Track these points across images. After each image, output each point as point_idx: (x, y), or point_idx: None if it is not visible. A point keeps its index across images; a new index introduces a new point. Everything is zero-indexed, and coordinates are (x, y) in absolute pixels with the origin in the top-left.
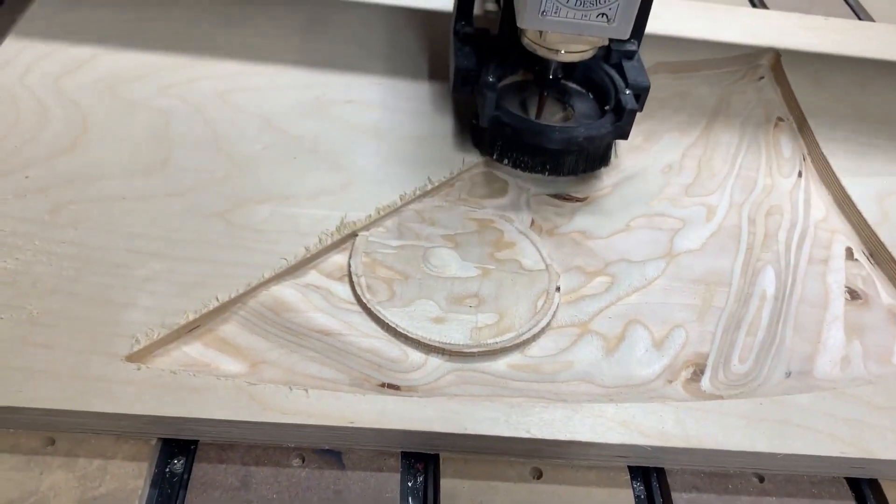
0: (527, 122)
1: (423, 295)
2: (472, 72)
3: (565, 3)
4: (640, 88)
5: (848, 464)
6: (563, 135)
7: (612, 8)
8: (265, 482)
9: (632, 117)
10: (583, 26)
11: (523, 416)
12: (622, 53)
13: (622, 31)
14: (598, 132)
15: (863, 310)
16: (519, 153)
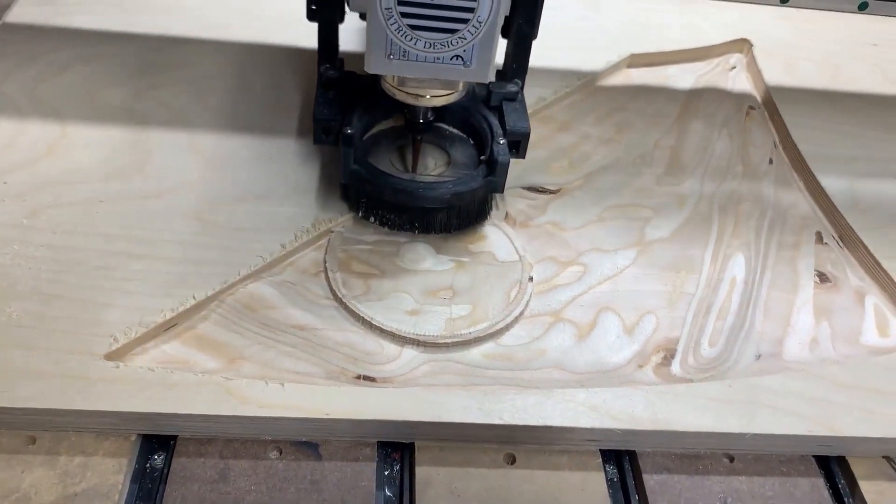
0: (388, 178)
1: (397, 288)
2: (332, 122)
3: (413, 44)
4: (518, 135)
5: (816, 442)
6: (428, 192)
7: (467, 50)
8: (243, 474)
9: (505, 170)
10: (437, 69)
11: (496, 403)
12: (503, 95)
13: (481, 75)
14: (467, 188)
15: (832, 293)
16: (384, 211)
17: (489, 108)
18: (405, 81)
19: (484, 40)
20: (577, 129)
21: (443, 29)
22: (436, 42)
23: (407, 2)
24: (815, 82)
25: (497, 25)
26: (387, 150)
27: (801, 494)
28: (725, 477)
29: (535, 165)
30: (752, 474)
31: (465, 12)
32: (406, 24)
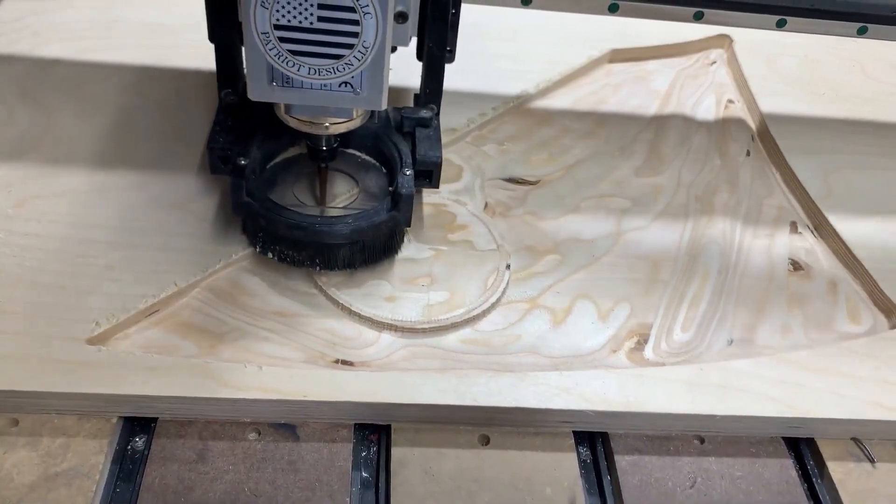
0: (283, 212)
1: (376, 276)
2: (228, 150)
3: (296, 71)
4: (429, 164)
5: (785, 424)
6: (325, 228)
7: (356, 76)
8: (222, 455)
9: (409, 204)
10: (325, 97)
11: (471, 385)
12: (416, 121)
13: (373, 102)
14: (368, 223)
15: (805, 280)
16: (281, 246)
17: (403, 134)
18: (293, 109)
19: (373, 66)
20: (558, 122)
21: (327, 55)
22: (321, 68)
23: (284, 26)
24: (794, 77)
25: (386, 50)
26: (294, 180)
27: (770, 475)
28: (696, 458)
29: (515, 157)
30: (722, 455)
31: (349, 37)
32: (286, 49)
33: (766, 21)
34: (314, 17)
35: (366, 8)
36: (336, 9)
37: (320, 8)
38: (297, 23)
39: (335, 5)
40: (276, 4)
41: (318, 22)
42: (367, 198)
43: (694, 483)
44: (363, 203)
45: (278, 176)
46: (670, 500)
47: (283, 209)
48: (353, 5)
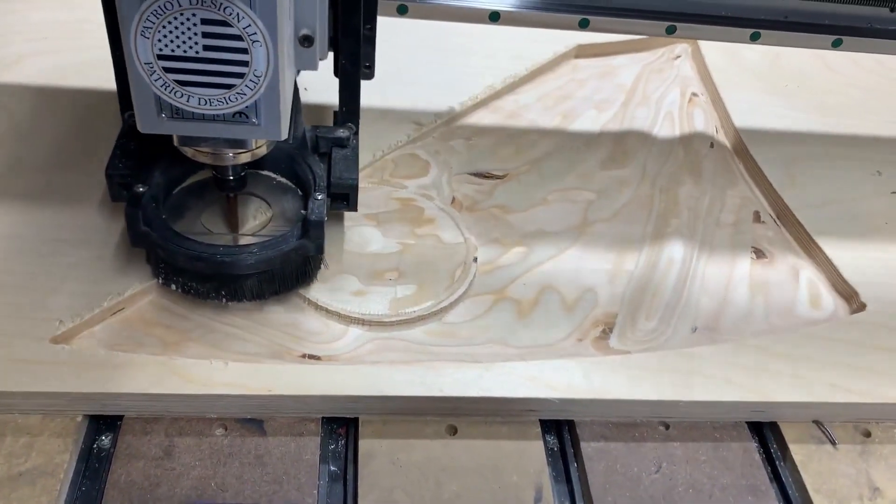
0: (184, 242)
1: (344, 271)
2: (127, 177)
3: (185, 102)
4: (344, 187)
5: (748, 408)
6: (228, 258)
7: (250, 106)
8: (188, 451)
9: (320, 232)
10: (218, 128)
11: (437, 376)
12: (332, 141)
13: (273, 132)
14: (275, 253)
15: (767, 268)
16: (184, 278)
17: (319, 154)
18: (187, 141)
19: (268, 95)
20: (525, 116)
21: (216, 84)
22: (211, 98)
23: (168, 56)
24: (757, 70)
25: (282, 78)
26: (204, 205)
27: (734, 458)
28: (661, 443)
29: (482, 152)
30: (686, 440)
31: (239, 66)
32: (172, 79)
33: (739, 35)
34: (199, 45)
35: (254, 36)
36: (222, 37)
37: (205, 37)
38: (181, 52)
39: (220, 34)
40: (157, 34)
41: (203, 51)
42: (284, 223)
43: (659, 468)
44: (279, 228)
45: (187, 202)
46: (636, 485)
47: (184, 239)
48: (239, 33)
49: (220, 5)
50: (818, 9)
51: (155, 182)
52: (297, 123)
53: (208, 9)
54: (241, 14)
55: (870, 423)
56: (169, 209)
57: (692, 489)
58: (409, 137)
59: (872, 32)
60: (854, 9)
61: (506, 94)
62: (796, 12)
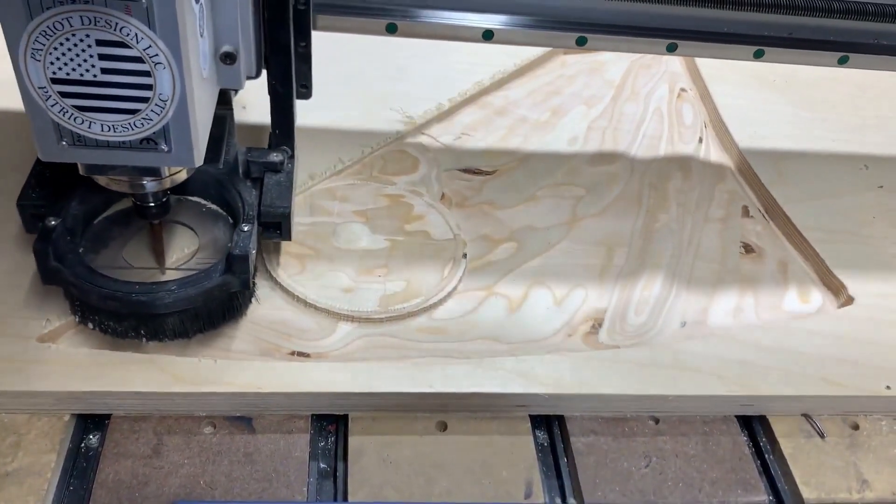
0: (95, 280)
1: (333, 268)
2: (41, 208)
3: (87, 128)
4: (275, 216)
5: (737, 402)
6: (145, 297)
7: (158, 132)
8: (177, 449)
9: (245, 266)
10: (125, 156)
11: (427, 373)
12: (263, 165)
13: (185, 159)
14: (196, 290)
15: (756, 262)
16: (101, 317)
17: (252, 179)
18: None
19: (177, 120)
20: (514, 112)
21: (119, 109)
22: (115, 124)
23: (63, 80)
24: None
25: (193, 101)
26: (129, 236)
27: (724, 452)
28: (650, 438)
29: (471, 148)
30: (676, 435)
31: (142, 89)
32: (70, 104)
33: (742, 52)
34: (97, 68)
35: (156, 58)
36: (120, 59)
37: (102, 59)
38: (77, 75)
39: (119, 55)
40: (49, 56)
41: (102, 74)
42: (215, 252)
43: (649, 462)
44: (207, 260)
45: (109, 232)
46: (626, 480)
47: (98, 276)
48: (139, 55)
49: (115, 25)
50: (823, 25)
51: (71, 213)
52: (229, 146)
53: (103, 29)
54: (140, 35)
55: (858, 415)
56: (89, 241)
57: (682, 483)
58: (398, 133)
59: (879, 49)
60: (860, 24)
61: (495, 90)
62: (801, 28)
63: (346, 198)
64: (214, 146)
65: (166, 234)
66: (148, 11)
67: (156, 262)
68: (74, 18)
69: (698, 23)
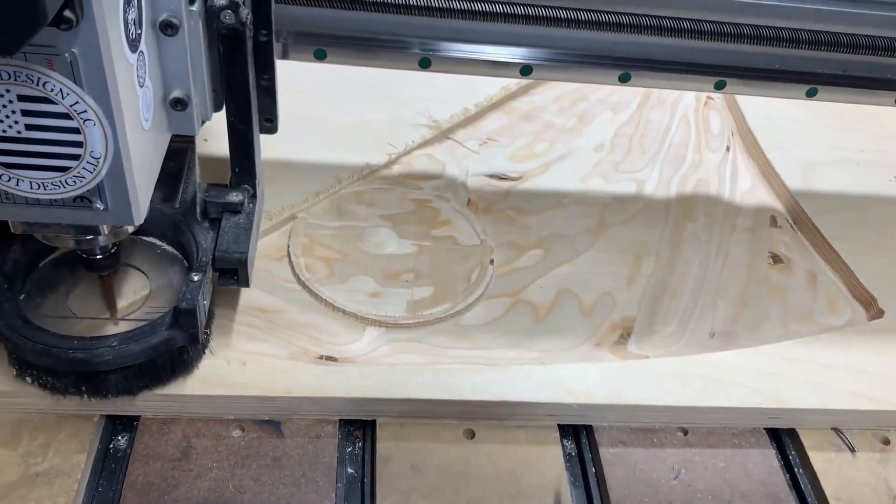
0: (31, 333)
1: (360, 272)
2: None
3: (14, 185)
4: (231, 262)
5: (766, 414)
6: (83, 354)
7: (92, 190)
8: (205, 452)
9: (192, 320)
10: (58, 214)
11: (456, 379)
12: (222, 206)
13: (123, 217)
14: (140, 346)
15: (785, 273)
16: (39, 372)
17: (210, 220)
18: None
19: (113, 178)
20: (540, 118)
21: (48, 167)
22: (45, 182)
23: None
24: None
25: (130, 157)
26: (77, 280)
27: (753, 465)
28: (679, 449)
29: (498, 153)
30: (705, 447)
31: (71, 146)
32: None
33: (794, 91)
34: (20, 125)
35: (84, 115)
36: (45, 115)
37: (26, 115)
38: (0, 132)
39: (43, 111)
40: None
41: (26, 130)
42: (169, 298)
43: (678, 474)
44: (161, 308)
45: (54, 277)
46: (654, 491)
47: (34, 330)
48: (67, 111)
49: (37, 80)
50: (879, 62)
51: (11, 257)
52: (187, 183)
53: (24, 84)
54: (65, 90)
55: (889, 430)
56: (34, 285)
57: (711, 496)
58: (425, 138)
59: None
60: None
61: (521, 96)
62: (856, 65)
63: (373, 202)
64: (171, 183)
65: (118, 277)
66: (72, 66)
67: (107, 307)
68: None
69: (747, 58)
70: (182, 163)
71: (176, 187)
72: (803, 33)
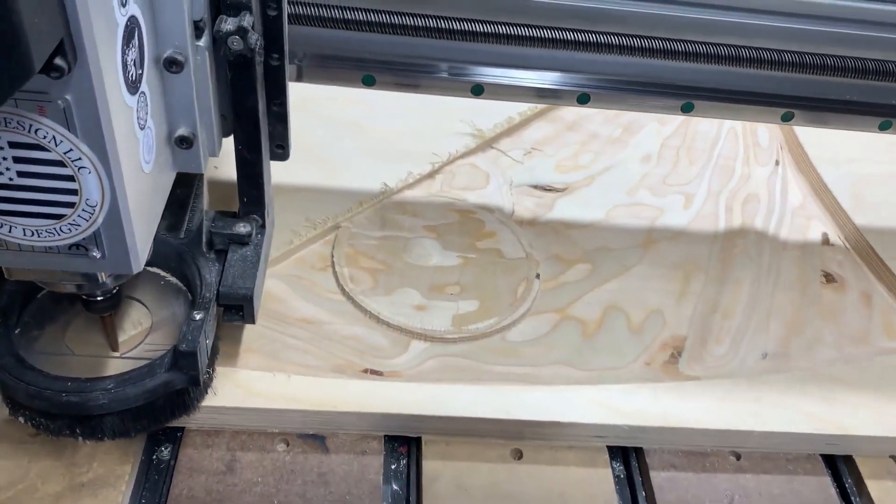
0: (22, 373)
1: (405, 284)
2: None
3: (7, 232)
4: (236, 297)
5: (822, 440)
6: (77, 398)
7: (88, 238)
8: (250, 466)
9: (193, 363)
10: (54, 261)
11: (503, 397)
12: (228, 238)
13: (121, 265)
14: (136, 390)
15: (838, 293)
16: (32, 413)
17: (216, 252)
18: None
19: (110, 226)
20: (585, 127)
21: (42, 214)
22: (39, 229)
23: None
24: None
25: (127, 204)
26: (75, 313)
27: (809, 492)
28: (732, 475)
29: (542, 164)
30: (758, 472)
31: (66, 194)
32: None
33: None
34: (12, 171)
35: (78, 162)
36: (38, 163)
37: (18, 162)
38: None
39: (36, 159)
40: None
41: (18, 178)
42: (170, 333)
43: (731, 501)
44: (162, 344)
45: (52, 310)
46: None
47: (27, 370)
48: (60, 159)
49: (29, 127)
50: None
51: (5, 290)
52: (193, 211)
53: (14, 131)
54: (58, 137)
55: None
56: (31, 317)
57: None
58: (468, 147)
59: None
60: None
61: (565, 105)
62: None
63: (417, 212)
64: (177, 211)
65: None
66: (65, 112)
67: (108, 343)
68: None
69: (818, 88)
70: (189, 190)
71: (182, 216)
72: (870, 63)
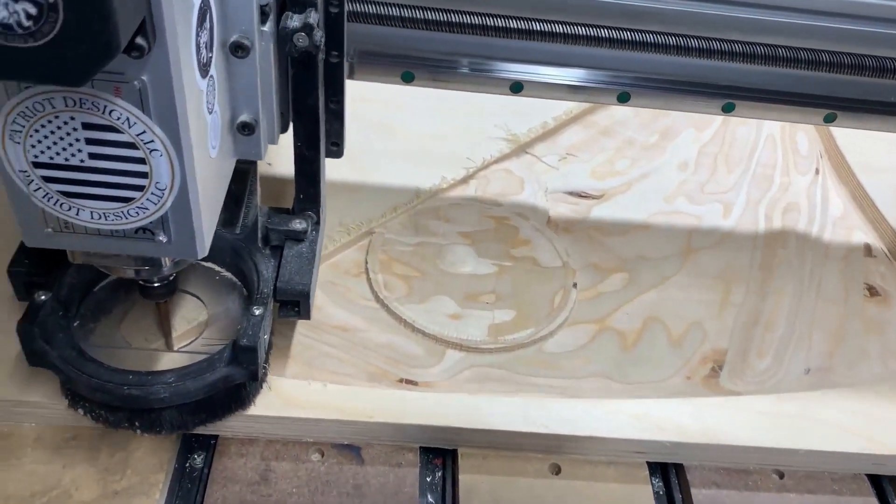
0: (84, 365)
1: (439, 291)
2: (33, 276)
3: (75, 215)
4: (293, 293)
5: (870, 461)
6: (138, 391)
7: (155, 221)
8: (285, 476)
9: (253, 357)
10: (119, 244)
11: (541, 411)
12: (284, 234)
13: (186, 250)
14: (196, 385)
15: (882, 306)
16: (92, 405)
17: (272, 248)
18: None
19: (178, 210)
20: (620, 133)
21: (111, 197)
22: (107, 212)
23: (46, 164)
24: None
25: (196, 190)
26: (131, 304)
27: None
28: (775, 494)
29: (577, 170)
30: (802, 492)
31: (136, 177)
32: (56, 190)
33: None
34: (84, 153)
35: (151, 144)
36: (110, 145)
37: (90, 143)
38: (62, 160)
39: (108, 140)
40: (30, 139)
41: (90, 159)
42: (225, 328)
43: None
44: (218, 339)
45: (108, 302)
46: None
47: (87, 362)
48: (132, 141)
49: (103, 108)
50: None
51: (66, 282)
52: (248, 207)
53: (89, 112)
54: (132, 119)
55: None
56: (89, 309)
57: None
58: (503, 152)
59: None
60: None
61: (600, 109)
62: None
63: (451, 218)
64: (233, 206)
65: (174, 303)
66: (141, 94)
67: (162, 335)
68: (57, 99)
69: (861, 89)
70: (244, 185)
71: (237, 211)
72: None
